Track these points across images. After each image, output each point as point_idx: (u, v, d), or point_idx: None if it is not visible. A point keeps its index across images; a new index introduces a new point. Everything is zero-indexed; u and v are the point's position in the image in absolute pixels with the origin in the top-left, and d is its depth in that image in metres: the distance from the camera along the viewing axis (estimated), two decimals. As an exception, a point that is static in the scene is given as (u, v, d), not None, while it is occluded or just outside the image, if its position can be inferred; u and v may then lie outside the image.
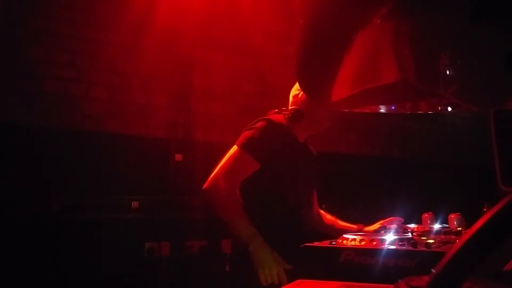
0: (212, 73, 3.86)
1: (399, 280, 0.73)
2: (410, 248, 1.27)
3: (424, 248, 1.25)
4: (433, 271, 0.54)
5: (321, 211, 2.40)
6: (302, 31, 0.77)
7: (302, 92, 2.17)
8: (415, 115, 4.97)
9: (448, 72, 0.70)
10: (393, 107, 0.94)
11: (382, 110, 0.95)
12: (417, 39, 0.70)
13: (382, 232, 1.54)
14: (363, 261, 1.25)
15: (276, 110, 2.20)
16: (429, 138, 5.31)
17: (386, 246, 1.29)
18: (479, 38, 0.67)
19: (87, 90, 3.38)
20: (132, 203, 3.27)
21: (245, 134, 2.01)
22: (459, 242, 0.53)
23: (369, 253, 1.25)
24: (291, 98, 2.23)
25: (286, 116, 2.12)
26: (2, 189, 2.80)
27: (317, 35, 0.74)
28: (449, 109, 0.86)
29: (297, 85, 2.24)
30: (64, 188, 3.02)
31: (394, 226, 1.71)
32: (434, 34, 0.69)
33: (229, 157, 1.98)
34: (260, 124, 2.02)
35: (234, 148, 2.00)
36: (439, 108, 0.87)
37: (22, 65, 3.13)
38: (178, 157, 3.53)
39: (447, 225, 1.63)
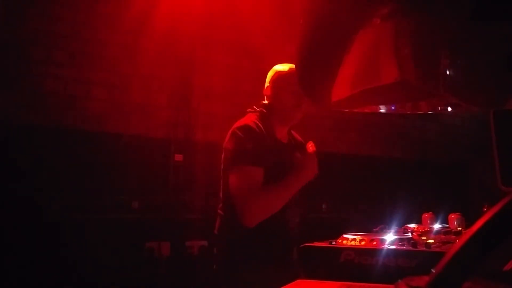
0: (212, 73, 3.86)
1: (399, 280, 0.73)
2: (410, 248, 1.27)
3: (424, 248, 1.25)
4: (433, 271, 0.54)
5: None
6: (302, 31, 0.77)
7: (268, 85, 2.11)
8: (415, 115, 4.97)
9: (448, 72, 0.70)
10: (393, 107, 0.94)
11: (382, 110, 0.95)
12: (417, 39, 0.70)
13: (382, 232, 1.54)
14: (363, 261, 1.25)
15: (249, 109, 2.13)
16: (429, 138, 5.31)
17: (386, 246, 1.29)
18: (479, 38, 0.67)
19: (87, 90, 3.38)
20: (132, 203, 3.27)
21: (228, 153, 1.94)
22: (459, 242, 0.53)
23: (369, 253, 1.25)
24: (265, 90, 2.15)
25: (258, 114, 2.05)
26: (2, 189, 2.80)
27: (317, 35, 0.74)
28: (449, 109, 0.86)
29: (267, 78, 2.16)
30: (64, 188, 3.03)
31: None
32: (434, 34, 0.69)
33: (234, 183, 1.89)
34: (235, 136, 1.95)
35: (231, 172, 1.91)
36: (439, 108, 0.87)
37: (22, 65, 3.13)
38: (178, 157, 3.53)
39: (447, 225, 1.63)
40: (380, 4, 0.66)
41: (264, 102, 2.11)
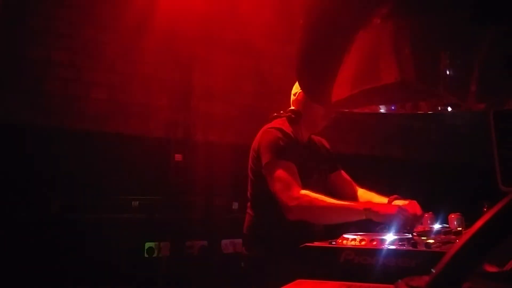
0: (212, 73, 3.86)
1: (399, 280, 0.73)
2: (410, 248, 1.27)
3: (424, 248, 1.25)
4: (433, 271, 0.54)
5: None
6: (302, 31, 0.77)
7: (298, 92, 2.23)
8: (415, 115, 4.97)
9: (448, 72, 0.70)
10: (393, 107, 0.94)
11: (382, 110, 0.95)
12: (417, 39, 0.70)
13: (382, 232, 1.54)
14: (363, 261, 1.25)
15: (275, 114, 2.25)
16: (429, 138, 5.31)
17: (386, 246, 1.29)
18: (479, 38, 0.67)
19: (87, 90, 3.38)
20: (132, 203, 3.27)
21: (263, 149, 2.03)
22: (459, 242, 0.53)
23: (369, 253, 1.25)
24: (292, 98, 2.26)
25: (288, 119, 2.17)
26: (2, 189, 2.80)
27: (317, 35, 0.74)
28: (449, 109, 0.86)
29: (296, 85, 2.27)
30: (64, 188, 3.03)
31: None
32: (434, 34, 0.69)
33: (274, 176, 1.96)
34: (272, 134, 2.05)
35: (270, 168, 1.99)
36: (439, 108, 0.87)
37: (22, 65, 3.13)
38: (178, 157, 3.53)
39: (447, 225, 1.63)
40: (380, 4, 0.66)
41: (292, 108, 2.23)
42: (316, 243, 1.40)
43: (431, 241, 1.30)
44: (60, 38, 3.29)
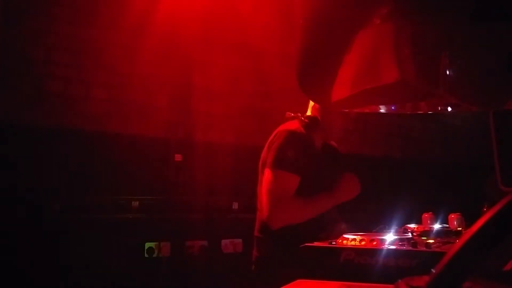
0: (212, 73, 3.86)
1: (399, 280, 0.73)
2: (410, 248, 1.27)
3: (424, 248, 1.25)
4: (433, 271, 0.54)
5: None
6: (302, 31, 0.77)
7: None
8: (415, 115, 4.97)
9: (448, 72, 0.70)
10: (393, 107, 0.94)
11: (382, 110, 0.95)
12: (417, 39, 0.70)
13: (382, 232, 1.54)
14: (363, 261, 1.25)
15: (292, 114, 2.21)
16: (429, 138, 5.31)
17: (386, 246, 1.29)
18: (479, 38, 0.67)
19: (87, 90, 3.38)
20: (132, 203, 3.27)
21: (273, 152, 2.03)
22: (459, 242, 0.53)
23: (369, 253, 1.25)
24: (310, 104, 2.24)
25: (303, 123, 2.14)
26: (2, 189, 2.80)
27: (317, 35, 0.74)
28: (449, 109, 0.86)
29: None
30: (64, 188, 3.02)
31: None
32: (434, 34, 0.69)
33: (268, 183, 2.00)
34: (283, 138, 2.05)
35: (268, 172, 2.01)
36: (439, 108, 0.87)
37: (22, 65, 3.13)
38: (178, 157, 3.53)
39: (447, 225, 1.63)
40: (380, 4, 0.67)
41: (309, 114, 2.20)
42: (316, 243, 1.40)
43: (431, 241, 1.30)
44: (60, 38, 3.29)
